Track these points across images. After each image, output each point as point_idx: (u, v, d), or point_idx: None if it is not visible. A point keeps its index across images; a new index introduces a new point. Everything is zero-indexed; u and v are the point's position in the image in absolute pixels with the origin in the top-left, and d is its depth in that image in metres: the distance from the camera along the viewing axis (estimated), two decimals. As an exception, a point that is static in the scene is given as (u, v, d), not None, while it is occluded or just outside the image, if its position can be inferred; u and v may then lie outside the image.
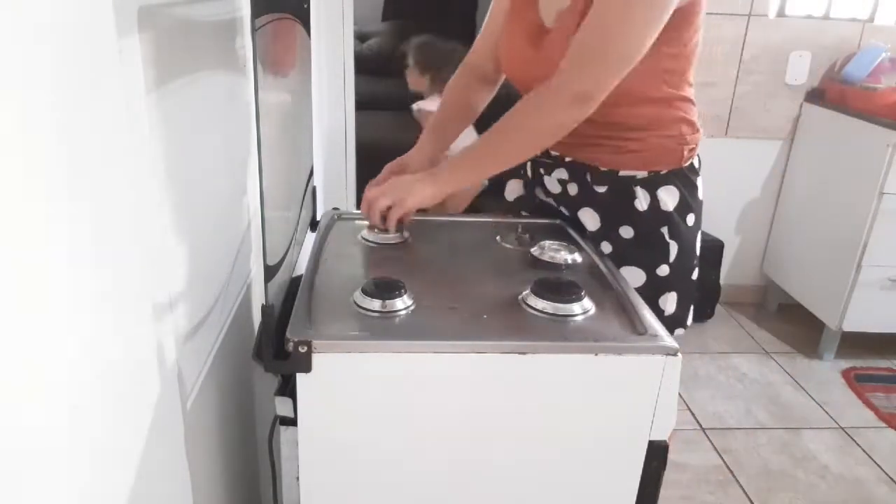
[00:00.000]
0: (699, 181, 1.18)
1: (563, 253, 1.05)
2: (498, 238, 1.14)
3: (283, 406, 0.83)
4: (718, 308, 2.86)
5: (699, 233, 1.21)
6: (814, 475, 1.93)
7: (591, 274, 1.03)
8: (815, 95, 2.70)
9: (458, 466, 0.86)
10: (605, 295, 0.96)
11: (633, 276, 1.13)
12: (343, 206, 1.92)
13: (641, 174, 1.13)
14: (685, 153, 1.14)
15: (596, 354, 0.81)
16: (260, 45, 0.71)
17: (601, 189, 1.16)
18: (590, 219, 1.17)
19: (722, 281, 2.88)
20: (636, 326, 0.86)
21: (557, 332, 0.85)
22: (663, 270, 1.15)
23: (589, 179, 1.17)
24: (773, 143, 2.79)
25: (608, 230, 1.14)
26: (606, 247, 1.15)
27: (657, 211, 1.13)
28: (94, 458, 0.56)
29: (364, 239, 1.10)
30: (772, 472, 1.94)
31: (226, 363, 0.95)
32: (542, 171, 1.24)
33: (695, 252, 1.20)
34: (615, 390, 0.83)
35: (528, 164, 1.26)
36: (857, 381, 2.41)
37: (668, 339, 0.83)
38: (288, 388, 0.82)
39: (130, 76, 0.61)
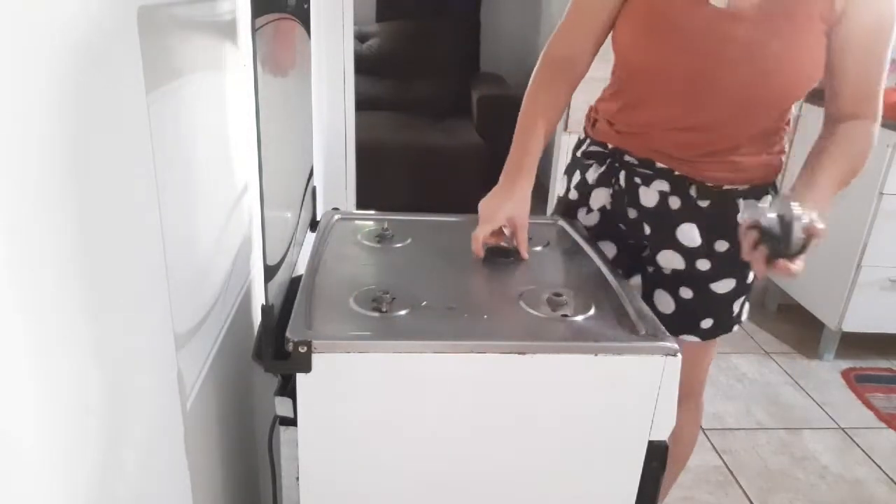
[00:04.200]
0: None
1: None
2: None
3: (283, 406, 0.83)
4: (718, 308, 2.85)
5: None
6: (814, 475, 1.93)
7: (592, 274, 1.03)
8: (815, 95, 2.69)
9: (458, 466, 0.86)
10: (605, 296, 0.96)
11: (725, 287, 1.17)
12: (343, 206, 1.92)
13: (743, 187, 1.14)
14: (782, 164, 1.18)
15: (596, 354, 0.81)
16: (260, 45, 0.71)
17: (704, 203, 1.15)
18: (690, 235, 1.15)
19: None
20: (636, 326, 0.87)
21: (557, 332, 0.85)
22: (749, 277, 1.19)
23: (693, 193, 1.15)
24: (772, 143, 2.79)
25: (708, 246, 1.14)
26: (704, 263, 1.15)
27: None
28: (94, 459, 0.56)
29: None
30: (772, 472, 1.94)
31: (226, 363, 0.95)
32: (637, 180, 1.17)
33: None
34: (615, 390, 0.83)
35: (623, 173, 1.19)
36: (857, 382, 2.41)
37: (667, 340, 0.83)
38: (288, 388, 0.82)
39: (130, 76, 0.61)
